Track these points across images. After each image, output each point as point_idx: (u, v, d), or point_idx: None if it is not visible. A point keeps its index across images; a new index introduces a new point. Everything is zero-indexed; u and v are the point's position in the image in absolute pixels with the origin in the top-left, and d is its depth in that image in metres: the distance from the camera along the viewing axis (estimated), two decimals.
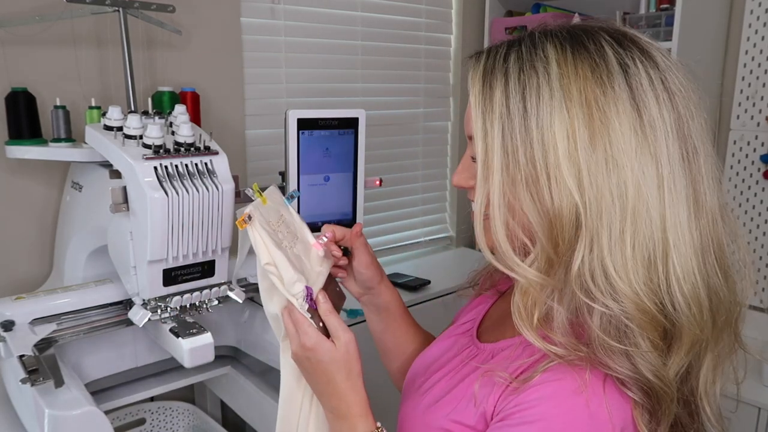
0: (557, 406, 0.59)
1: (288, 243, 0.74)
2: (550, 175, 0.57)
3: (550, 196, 0.58)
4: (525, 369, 0.64)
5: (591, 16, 2.05)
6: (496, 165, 0.60)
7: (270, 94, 1.69)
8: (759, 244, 1.89)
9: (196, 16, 1.46)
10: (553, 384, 0.59)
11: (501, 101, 0.60)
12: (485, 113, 0.61)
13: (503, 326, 0.75)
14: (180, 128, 1.01)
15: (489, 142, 0.60)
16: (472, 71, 0.63)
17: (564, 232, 0.58)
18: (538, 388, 0.60)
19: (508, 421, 0.61)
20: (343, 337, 0.70)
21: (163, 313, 1.06)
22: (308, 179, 1.20)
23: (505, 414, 0.62)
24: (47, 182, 1.30)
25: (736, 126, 1.89)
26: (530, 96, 0.59)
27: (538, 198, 0.58)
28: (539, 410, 0.59)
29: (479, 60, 0.64)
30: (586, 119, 0.57)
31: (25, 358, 0.94)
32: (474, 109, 0.62)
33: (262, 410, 1.26)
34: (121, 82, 1.25)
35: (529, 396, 0.60)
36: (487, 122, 0.61)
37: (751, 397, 1.59)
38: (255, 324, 1.29)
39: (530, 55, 0.60)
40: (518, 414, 0.60)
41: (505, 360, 0.67)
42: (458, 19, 2.12)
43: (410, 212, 2.15)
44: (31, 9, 1.22)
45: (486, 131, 0.61)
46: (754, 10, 1.82)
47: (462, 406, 0.68)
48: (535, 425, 0.59)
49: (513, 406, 0.61)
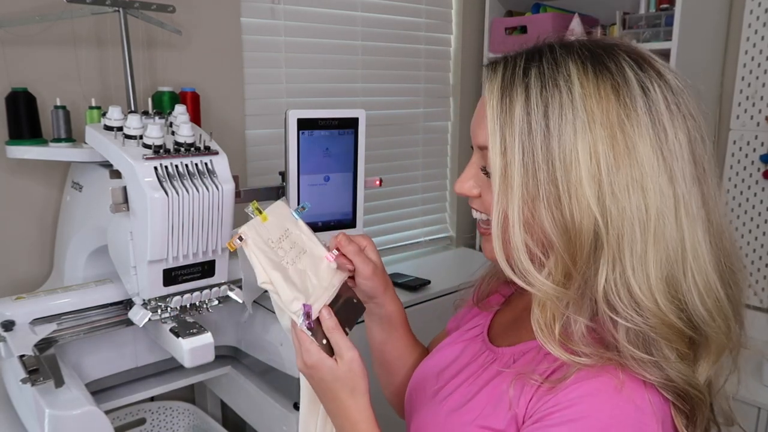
0: (602, 402, 0.59)
1: (290, 259, 0.75)
2: (571, 194, 0.58)
3: (571, 214, 0.58)
4: (555, 370, 0.64)
5: (591, 16, 2.05)
6: (516, 182, 0.60)
7: (270, 94, 1.69)
8: (759, 244, 1.89)
9: (196, 16, 1.46)
10: (592, 381, 0.60)
11: (522, 117, 0.60)
12: (504, 127, 0.60)
13: (517, 330, 0.75)
14: (180, 128, 1.01)
15: (509, 159, 0.60)
16: (488, 82, 0.63)
17: (583, 248, 0.59)
18: (577, 386, 0.60)
19: (547, 421, 0.60)
20: (346, 355, 0.70)
21: (163, 313, 1.06)
22: (308, 179, 1.20)
23: (542, 414, 0.61)
24: (47, 182, 1.30)
25: (736, 126, 1.89)
26: (553, 114, 0.59)
27: (560, 215, 0.59)
28: (582, 408, 0.59)
29: (496, 70, 0.63)
30: (609, 141, 0.58)
31: (25, 358, 0.94)
32: (491, 122, 0.61)
33: (262, 410, 1.26)
34: (121, 82, 1.25)
35: (569, 395, 0.60)
36: (507, 137, 0.60)
37: (751, 397, 1.59)
38: (255, 324, 1.29)
39: (552, 72, 0.60)
40: (558, 413, 0.60)
41: (530, 362, 0.67)
42: (458, 19, 2.12)
43: (410, 212, 2.15)
44: (31, 9, 1.22)
45: (505, 147, 0.60)
46: (754, 10, 1.82)
47: (488, 411, 0.67)
48: (579, 423, 0.59)
49: (551, 406, 0.61)
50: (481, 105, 0.66)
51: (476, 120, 0.66)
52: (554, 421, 0.60)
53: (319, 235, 0.81)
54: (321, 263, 0.76)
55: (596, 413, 0.58)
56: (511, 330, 0.78)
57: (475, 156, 0.68)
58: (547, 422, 0.61)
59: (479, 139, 0.65)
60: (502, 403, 0.66)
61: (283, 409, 1.19)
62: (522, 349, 0.71)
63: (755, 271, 1.91)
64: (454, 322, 0.92)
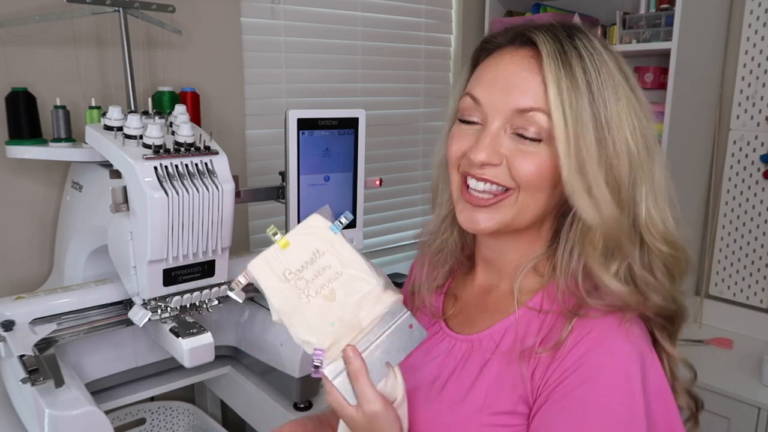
0: (608, 349, 0.63)
1: (314, 290, 0.65)
2: (619, 151, 0.65)
3: (619, 168, 0.65)
4: (544, 338, 0.67)
5: (591, 16, 2.05)
6: (585, 142, 0.64)
7: (270, 94, 1.69)
8: (759, 244, 1.89)
9: (196, 16, 1.46)
10: (591, 335, 0.64)
11: (584, 81, 0.64)
12: (570, 90, 0.64)
13: (483, 312, 0.77)
14: (180, 128, 1.01)
15: (576, 119, 0.63)
16: (542, 44, 0.65)
17: (628, 191, 0.67)
18: (580, 344, 0.64)
19: (566, 387, 0.63)
20: (367, 407, 0.65)
21: (163, 313, 1.06)
22: (308, 179, 1.20)
23: (556, 381, 0.64)
24: (47, 182, 1.30)
25: (736, 126, 1.89)
26: (604, 79, 0.65)
27: (610, 170, 0.65)
28: (593, 362, 0.63)
29: (538, 36, 0.66)
30: (632, 102, 0.66)
31: (25, 358, 0.94)
32: (554, 85, 0.64)
33: (262, 410, 1.26)
34: (121, 82, 1.25)
35: (577, 353, 0.63)
36: (574, 100, 0.64)
37: (751, 397, 1.59)
38: (255, 324, 1.29)
39: (591, 42, 0.66)
40: (573, 375, 0.63)
41: (516, 340, 0.69)
42: (458, 19, 2.12)
43: (410, 212, 2.15)
44: (31, 9, 1.22)
45: (570, 108, 0.63)
46: (754, 10, 1.82)
47: (493, 397, 0.68)
48: (597, 375, 0.62)
49: (562, 372, 0.63)
50: (516, 65, 0.67)
51: (508, 80, 0.67)
52: (574, 383, 0.62)
53: None
54: (360, 287, 0.65)
55: (608, 361, 0.63)
56: (476, 315, 0.78)
57: (497, 123, 0.67)
58: (566, 387, 0.63)
59: (521, 101, 0.66)
60: (504, 386, 0.67)
61: (283, 409, 1.19)
62: (499, 329, 0.72)
63: (755, 271, 1.91)
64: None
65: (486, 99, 0.68)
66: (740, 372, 1.70)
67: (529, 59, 0.66)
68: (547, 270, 0.72)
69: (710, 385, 1.65)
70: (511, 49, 0.69)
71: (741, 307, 1.95)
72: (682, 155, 1.80)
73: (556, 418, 0.63)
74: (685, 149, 1.81)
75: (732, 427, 1.64)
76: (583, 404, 0.62)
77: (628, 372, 0.62)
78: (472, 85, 0.70)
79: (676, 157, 1.76)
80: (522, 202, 0.68)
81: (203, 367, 1.27)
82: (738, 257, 1.94)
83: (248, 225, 1.69)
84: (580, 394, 0.62)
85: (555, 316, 0.68)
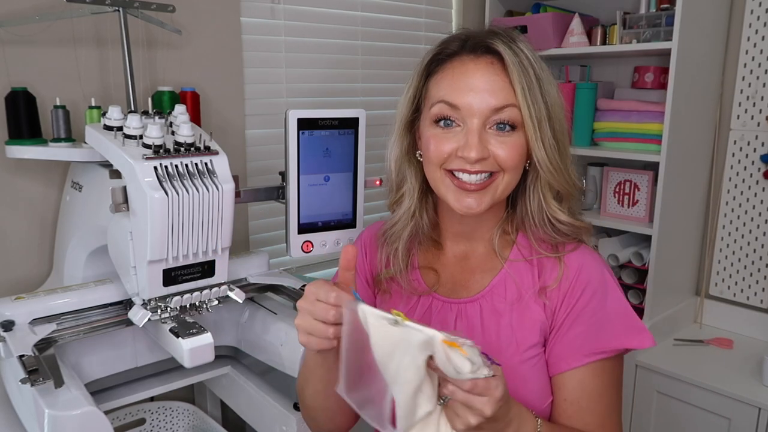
0: (594, 264, 0.86)
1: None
2: (559, 119, 0.83)
3: (560, 130, 0.83)
4: (545, 277, 0.86)
5: (591, 16, 2.05)
6: (543, 120, 0.81)
7: (270, 94, 1.69)
8: (759, 244, 1.89)
9: (196, 16, 1.46)
10: (575, 258, 0.86)
11: (535, 80, 0.80)
12: (530, 89, 0.79)
13: (472, 277, 0.91)
14: (180, 128, 1.01)
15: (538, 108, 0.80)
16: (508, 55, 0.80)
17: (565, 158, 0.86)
18: (577, 274, 0.85)
19: (582, 305, 0.83)
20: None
21: (163, 313, 1.06)
22: (308, 179, 1.20)
23: (577, 296, 0.84)
24: (47, 182, 1.30)
25: (736, 126, 1.89)
26: (547, 76, 0.82)
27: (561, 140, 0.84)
28: (593, 279, 0.85)
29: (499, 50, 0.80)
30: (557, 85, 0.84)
31: (25, 358, 0.94)
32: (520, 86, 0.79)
33: (262, 410, 1.26)
34: (121, 82, 1.25)
35: (580, 279, 0.84)
36: (536, 94, 0.80)
37: (751, 397, 1.59)
38: (255, 324, 1.29)
39: (525, 46, 0.82)
40: (583, 296, 0.84)
41: (519, 284, 0.87)
42: (458, 19, 2.12)
43: None
44: (31, 9, 1.22)
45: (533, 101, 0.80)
46: (754, 10, 1.82)
47: (521, 338, 0.84)
48: (603, 287, 0.85)
49: (571, 298, 0.84)
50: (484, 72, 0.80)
51: (482, 86, 0.80)
52: (586, 299, 0.83)
53: (320, 235, 0.79)
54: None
55: (598, 276, 0.85)
56: (464, 279, 0.91)
57: (479, 122, 0.80)
58: (582, 305, 0.83)
59: (492, 102, 0.79)
60: (526, 325, 0.85)
61: (283, 409, 1.19)
62: (497, 284, 0.88)
63: (755, 271, 1.91)
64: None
65: (464, 103, 0.80)
66: (740, 372, 1.70)
67: (492, 66, 0.80)
68: (511, 228, 0.91)
69: (710, 385, 1.65)
70: (472, 57, 0.82)
71: (741, 307, 1.95)
72: (682, 155, 1.80)
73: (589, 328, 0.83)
74: (685, 149, 1.81)
75: (732, 427, 1.64)
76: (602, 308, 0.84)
77: (610, 277, 0.87)
78: (446, 92, 0.82)
79: (676, 157, 1.76)
80: (506, 181, 0.83)
81: (203, 367, 1.27)
82: (738, 257, 1.94)
83: (248, 225, 1.69)
84: (594, 303, 0.84)
85: (538, 260, 0.87)
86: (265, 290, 1.32)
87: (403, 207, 0.93)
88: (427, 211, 0.93)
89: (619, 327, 0.84)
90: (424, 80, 0.88)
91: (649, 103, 1.85)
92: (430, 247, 0.96)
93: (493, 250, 0.90)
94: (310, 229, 1.23)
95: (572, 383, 0.84)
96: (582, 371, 0.83)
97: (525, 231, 0.89)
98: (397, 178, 0.95)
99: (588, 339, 0.83)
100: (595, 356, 0.83)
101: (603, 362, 0.84)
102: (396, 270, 0.93)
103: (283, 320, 1.24)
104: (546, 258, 0.87)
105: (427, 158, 0.86)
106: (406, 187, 0.93)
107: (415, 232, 0.93)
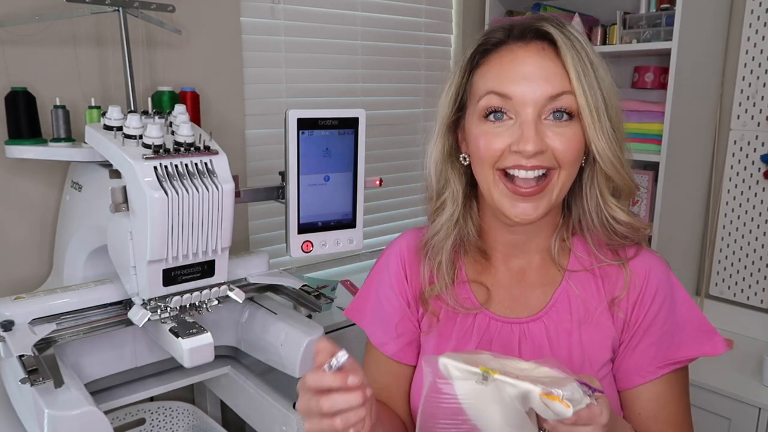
0: (660, 269, 0.82)
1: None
2: (614, 106, 0.76)
3: (616, 117, 0.76)
4: (611, 287, 0.80)
5: (591, 16, 2.05)
6: (600, 107, 0.74)
7: (270, 94, 1.69)
8: (759, 244, 1.89)
9: (196, 16, 1.46)
10: (643, 262, 0.81)
11: (587, 61, 0.74)
12: (588, 75, 0.73)
13: (531, 293, 0.83)
14: (180, 128, 1.01)
15: (596, 96, 0.74)
16: (563, 41, 0.73)
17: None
18: (640, 269, 0.80)
19: (653, 314, 0.79)
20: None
21: (163, 313, 1.06)
22: (308, 179, 1.20)
23: (647, 305, 0.79)
24: (47, 182, 1.30)
25: (736, 126, 1.89)
26: (601, 64, 0.75)
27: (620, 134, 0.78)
28: (659, 276, 0.80)
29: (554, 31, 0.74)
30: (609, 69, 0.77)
31: (24, 358, 0.94)
32: (575, 72, 0.73)
33: (262, 410, 1.25)
34: (121, 82, 1.25)
35: (649, 287, 0.79)
36: (594, 82, 0.74)
37: (751, 397, 1.59)
38: (255, 324, 1.29)
39: (575, 30, 0.76)
40: (652, 304, 0.79)
41: (584, 297, 0.81)
42: (458, 19, 2.12)
43: (410, 212, 2.15)
44: (31, 9, 1.22)
45: (588, 88, 0.73)
46: (754, 10, 1.82)
47: (591, 357, 0.79)
48: (672, 294, 0.80)
49: (640, 308, 0.79)
50: (535, 59, 0.74)
51: (535, 72, 0.73)
52: (657, 307, 0.79)
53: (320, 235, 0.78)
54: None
55: (666, 277, 0.81)
56: (522, 296, 0.83)
57: (533, 113, 0.73)
58: (653, 314, 0.79)
59: (548, 89, 0.73)
60: (596, 342, 0.79)
61: (283, 409, 1.19)
62: (559, 299, 0.81)
63: (755, 271, 1.91)
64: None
65: (516, 92, 0.73)
66: (740, 372, 1.70)
67: (544, 51, 0.74)
68: (567, 234, 0.83)
69: (710, 385, 1.65)
70: (520, 44, 0.75)
71: (741, 307, 1.95)
72: (682, 155, 1.80)
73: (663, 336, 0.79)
74: (685, 149, 1.81)
75: (732, 427, 1.64)
76: (672, 315, 0.79)
77: (675, 279, 0.82)
78: (495, 83, 0.74)
79: (676, 157, 1.76)
80: (562, 180, 0.75)
81: (203, 367, 1.27)
82: (738, 257, 1.94)
83: (248, 225, 1.69)
84: (665, 310, 0.79)
85: (600, 268, 0.81)
86: (265, 290, 1.32)
87: (445, 214, 0.84)
88: (472, 218, 0.85)
89: (690, 333, 0.79)
90: (467, 75, 0.79)
91: (649, 103, 1.85)
92: (479, 259, 0.87)
93: (551, 260, 0.83)
94: (310, 229, 1.23)
95: (647, 397, 0.79)
96: (656, 384, 0.78)
97: (582, 235, 0.82)
98: (438, 185, 0.85)
99: (660, 349, 0.78)
100: (668, 367, 0.78)
101: (676, 372, 0.79)
102: (441, 286, 0.84)
103: (282, 320, 1.24)
104: (608, 265, 0.81)
105: (478, 158, 0.77)
106: (447, 192, 0.84)
107: (460, 241, 0.84)
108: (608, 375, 0.80)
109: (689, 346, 0.78)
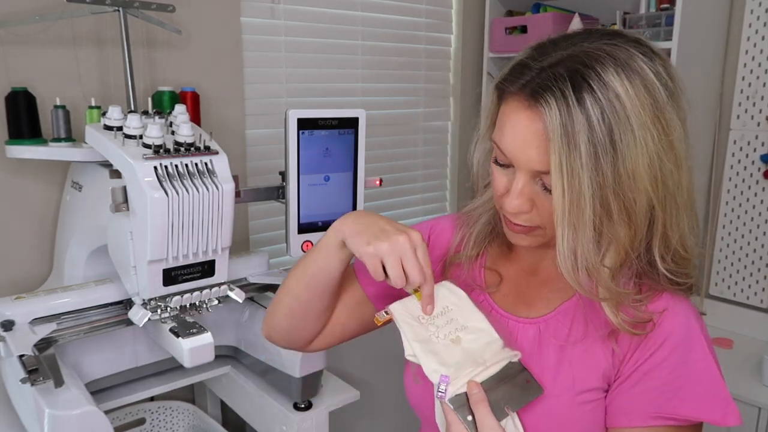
0: (684, 316, 0.72)
1: (442, 335, 0.75)
2: (637, 199, 0.65)
3: (635, 212, 0.66)
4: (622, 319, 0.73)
5: (591, 16, 2.05)
6: (587, 202, 0.64)
7: (270, 94, 1.69)
8: (759, 244, 1.89)
9: (196, 16, 1.46)
10: (664, 300, 0.73)
11: (588, 146, 0.63)
12: (572, 157, 0.63)
13: (539, 296, 0.81)
14: (180, 128, 1.01)
15: (579, 184, 0.64)
16: (545, 112, 0.64)
17: (642, 234, 0.69)
18: (661, 314, 0.72)
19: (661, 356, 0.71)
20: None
21: (163, 312, 1.06)
22: (308, 179, 1.20)
23: (652, 349, 0.72)
24: (47, 182, 1.30)
25: (736, 126, 1.89)
26: (616, 137, 0.63)
27: (626, 216, 0.66)
28: (674, 321, 0.72)
29: (548, 101, 0.64)
30: (657, 138, 0.64)
31: (25, 358, 0.94)
32: (556, 154, 0.64)
33: (262, 410, 1.26)
34: (121, 82, 1.25)
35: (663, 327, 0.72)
36: (575, 166, 0.63)
37: (751, 397, 1.59)
38: (255, 324, 1.29)
39: (603, 94, 0.63)
40: (663, 346, 0.71)
41: (587, 321, 0.76)
42: (458, 19, 2.12)
43: (410, 212, 2.15)
44: (31, 9, 1.22)
45: (572, 173, 0.63)
46: (754, 10, 1.82)
47: (579, 378, 0.74)
48: (687, 339, 0.71)
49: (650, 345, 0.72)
50: (528, 129, 0.66)
51: (524, 143, 0.67)
52: (663, 354, 0.71)
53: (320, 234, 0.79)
54: (483, 338, 0.75)
55: (684, 324, 0.72)
56: (529, 296, 0.82)
57: (523, 176, 0.69)
58: (657, 360, 0.71)
59: (533, 164, 0.67)
60: (588, 365, 0.75)
61: (283, 408, 1.19)
62: (565, 311, 0.78)
63: (755, 271, 1.91)
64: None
65: (508, 152, 0.70)
66: (740, 372, 1.70)
67: (536, 122, 0.66)
68: None
69: None
70: (526, 105, 0.67)
71: (741, 307, 1.95)
72: None
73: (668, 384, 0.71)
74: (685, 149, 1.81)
75: (732, 427, 1.64)
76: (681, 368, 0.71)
77: (699, 331, 0.73)
78: (499, 136, 0.71)
79: None
80: (550, 236, 0.72)
81: (203, 367, 1.27)
82: (738, 257, 1.94)
83: (248, 225, 1.69)
84: (673, 360, 0.71)
85: None
86: (265, 290, 1.33)
87: (486, 195, 0.85)
88: None
89: (701, 394, 0.71)
90: (496, 100, 0.75)
91: None
92: (504, 250, 0.88)
93: None
94: (310, 229, 1.23)
95: None
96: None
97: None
98: (484, 182, 0.84)
99: (657, 399, 0.72)
100: (662, 420, 0.71)
101: (672, 429, 0.72)
102: (463, 255, 0.87)
103: None
104: None
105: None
106: (483, 183, 0.85)
107: (493, 224, 0.85)
108: (591, 403, 0.75)
109: (694, 406, 0.71)
